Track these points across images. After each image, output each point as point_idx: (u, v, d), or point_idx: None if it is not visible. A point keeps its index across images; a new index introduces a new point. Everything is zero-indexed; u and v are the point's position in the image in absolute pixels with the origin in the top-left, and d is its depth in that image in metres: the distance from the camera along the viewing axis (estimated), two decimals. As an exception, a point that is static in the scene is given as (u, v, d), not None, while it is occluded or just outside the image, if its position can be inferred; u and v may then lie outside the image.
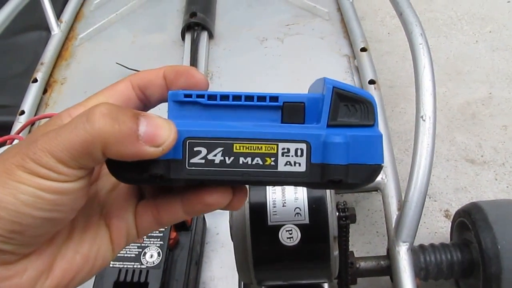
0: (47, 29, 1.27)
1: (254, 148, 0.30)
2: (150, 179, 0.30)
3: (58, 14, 1.31)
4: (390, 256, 0.82)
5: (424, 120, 0.82)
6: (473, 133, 1.31)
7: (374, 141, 0.31)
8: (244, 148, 0.30)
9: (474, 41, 1.59)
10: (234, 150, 0.30)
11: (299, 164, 0.30)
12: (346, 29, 1.21)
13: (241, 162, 0.30)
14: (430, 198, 1.16)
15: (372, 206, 1.14)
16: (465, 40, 1.60)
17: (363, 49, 1.12)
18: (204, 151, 0.30)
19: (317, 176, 0.30)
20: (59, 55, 1.24)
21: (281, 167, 0.30)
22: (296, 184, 0.31)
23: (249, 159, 0.30)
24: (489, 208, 0.87)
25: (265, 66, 1.13)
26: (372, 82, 1.05)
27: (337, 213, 0.68)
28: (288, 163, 0.30)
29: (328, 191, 0.63)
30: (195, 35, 1.18)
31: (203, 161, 0.30)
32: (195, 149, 0.30)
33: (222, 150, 0.30)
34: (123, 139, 0.27)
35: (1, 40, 1.10)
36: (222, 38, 1.23)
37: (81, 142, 0.26)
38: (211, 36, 1.22)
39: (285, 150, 0.30)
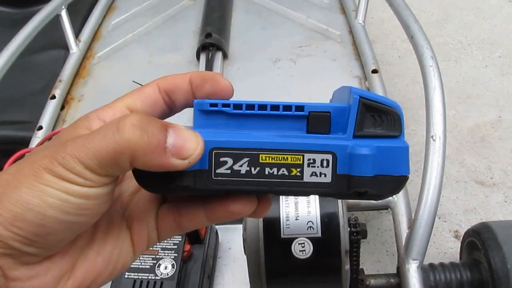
0: (66, 48, 1.31)
1: (280, 159, 0.30)
2: (176, 190, 0.30)
3: (77, 34, 1.35)
4: (400, 274, 0.83)
5: (434, 140, 0.83)
6: (482, 155, 1.32)
7: (400, 152, 0.30)
8: (270, 158, 0.30)
9: (484, 65, 1.61)
10: (260, 161, 0.30)
11: (325, 175, 0.30)
12: (357, 51, 1.24)
13: (266, 172, 0.30)
14: (440, 218, 1.16)
15: (382, 226, 1.14)
16: (475, 65, 1.62)
17: (374, 71, 1.14)
18: (230, 161, 0.30)
19: (342, 187, 0.30)
20: (77, 73, 1.27)
21: (307, 178, 0.30)
22: (321, 194, 0.31)
23: (274, 170, 0.30)
24: (498, 228, 0.88)
25: (278, 86, 1.15)
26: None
27: (349, 228, 0.69)
28: (313, 173, 0.30)
29: (340, 206, 0.65)
30: (209, 55, 1.21)
31: (229, 171, 0.30)
32: (221, 159, 0.30)
33: (248, 160, 0.30)
34: (151, 151, 0.27)
35: (21, 58, 1.12)
36: (236, 58, 1.26)
37: (110, 151, 0.27)
38: (225, 56, 1.25)
39: (311, 161, 0.30)
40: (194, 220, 0.34)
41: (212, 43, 1.22)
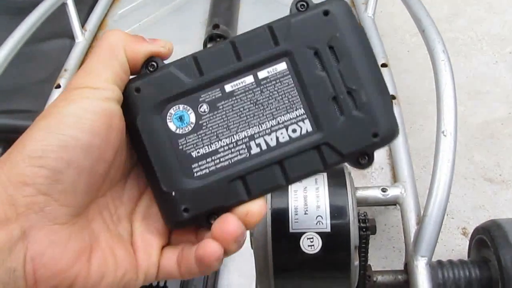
0: (71, 37, 1.30)
1: None
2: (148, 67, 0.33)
3: (83, 23, 1.34)
4: (408, 271, 0.82)
5: (445, 136, 0.82)
6: (491, 152, 1.31)
7: None
8: None
9: (494, 61, 1.59)
10: None
11: None
12: (367, 44, 1.22)
13: None
14: (448, 215, 1.15)
15: (388, 221, 1.13)
16: (485, 60, 1.60)
17: (384, 65, 1.13)
18: None
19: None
20: (82, 63, 1.26)
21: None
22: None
23: None
24: (509, 226, 0.86)
25: (286, 79, 1.14)
26: (392, 97, 1.06)
27: (358, 224, 0.68)
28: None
29: (350, 200, 0.63)
30: (217, 47, 1.20)
31: None
32: None
33: None
34: (135, 39, 0.33)
35: (26, 47, 1.11)
36: (243, 50, 1.24)
37: (107, 49, 0.32)
38: (232, 48, 1.23)
39: None
40: (188, 265, 0.34)
41: (220, 34, 1.21)
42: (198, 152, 0.32)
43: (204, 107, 0.31)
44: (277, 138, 0.32)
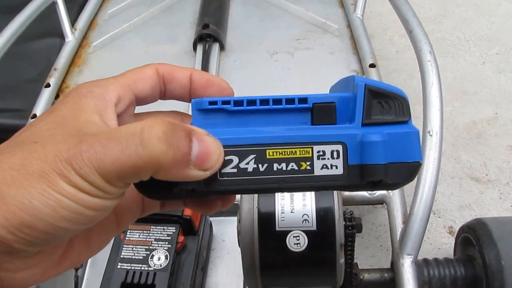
0: (61, 36, 1.29)
1: (288, 153, 0.28)
2: (179, 194, 0.29)
3: (73, 22, 1.33)
4: (394, 269, 0.83)
5: (431, 135, 0.83)
6: (478, 152, 1.32)
7: (411, 138, 0.29)
8: (278, 153, 0.28)
9: (481, 62, 1.61)
10: (267, 157, 0.28)
11: (336, 167, 0.29)
12: (355, 45, 1.23)
13: (275, 168, 0.28)
14: (434, 214, 1.16)
15: (376, 220, 1.14)
16: (472, 61, 1.62)
17: (372, 65, 1.13)
18: (235, 159, 0.28)
19: (355, 178, 0.29)
20: (72, 62, 1.26)
21: (318, 171, 0.29)
22: (333, 188, 0.29)
23: (283, 165, 0.28)
24: (493, 225, 0.87)
25: (275, 78, 1.15)
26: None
27: (344, 222, 0.69)
28: (324, 166, 0.29)
29: (336, 199, 0.64)
30: (206, 46, 1.20)
31: (235, 170, 0.28)
32: (226, 158, 0.28)
33: (254, 157, 0.28)
34: (176, 164, 0.26)
35: (16, 45, 1.11)
36: (233, 50, 1.25)
37: (133, 165, 0.25)
38: (222, 48, 1.24)
39: (321, 153, 0.29)
40: (176, 204, 0.36)
41: (209, 34, 1.22)
42: None
43: None
44: None
